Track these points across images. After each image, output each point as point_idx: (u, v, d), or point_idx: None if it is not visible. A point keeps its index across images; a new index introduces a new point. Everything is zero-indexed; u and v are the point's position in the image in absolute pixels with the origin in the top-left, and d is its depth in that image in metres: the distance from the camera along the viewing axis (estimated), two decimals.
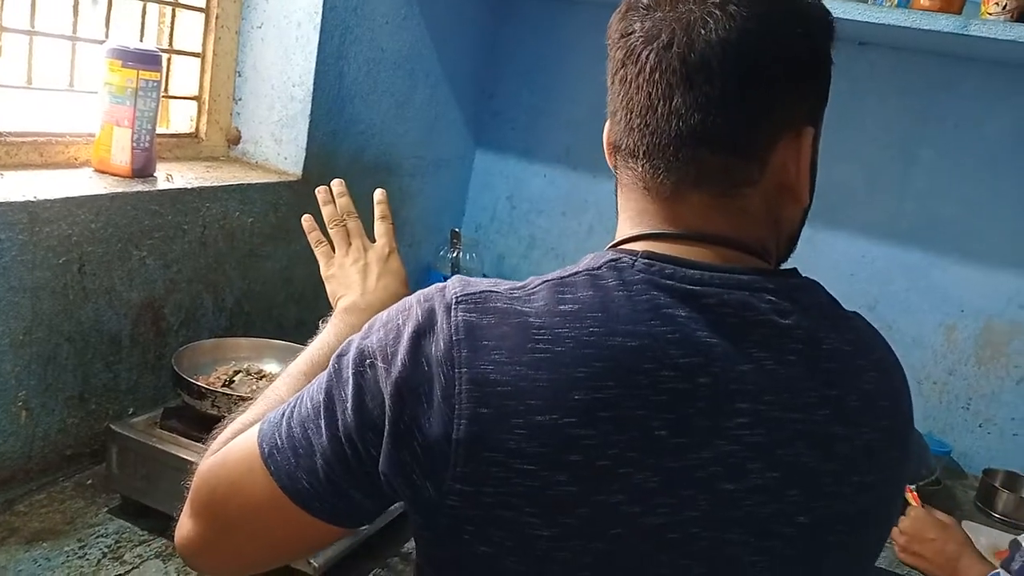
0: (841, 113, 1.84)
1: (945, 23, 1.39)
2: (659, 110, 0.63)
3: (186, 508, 0.71)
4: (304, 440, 0.64)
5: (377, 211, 1.08)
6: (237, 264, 1.47)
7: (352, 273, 1.01)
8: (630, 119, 0.66)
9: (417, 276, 2.03)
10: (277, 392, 0.81)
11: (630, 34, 0.65)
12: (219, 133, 1.59)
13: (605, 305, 0.60)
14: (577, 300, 0.60)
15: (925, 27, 1.40)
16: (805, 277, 0.68)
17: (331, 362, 0.65)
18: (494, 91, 2.13)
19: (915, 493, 1.43)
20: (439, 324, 0.60)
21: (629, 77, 0.65)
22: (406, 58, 1.77)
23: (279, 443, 0.65)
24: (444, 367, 0.58)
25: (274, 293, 1.57)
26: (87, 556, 1.03)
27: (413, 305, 0.63)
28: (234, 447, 0.69)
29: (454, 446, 0.57)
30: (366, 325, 0.66)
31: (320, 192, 1.08)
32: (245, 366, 1.28)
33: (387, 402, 0.60)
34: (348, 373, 0.63)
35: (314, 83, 1.53)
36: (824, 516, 0.62)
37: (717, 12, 0.61)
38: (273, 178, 1.54)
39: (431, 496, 0.59)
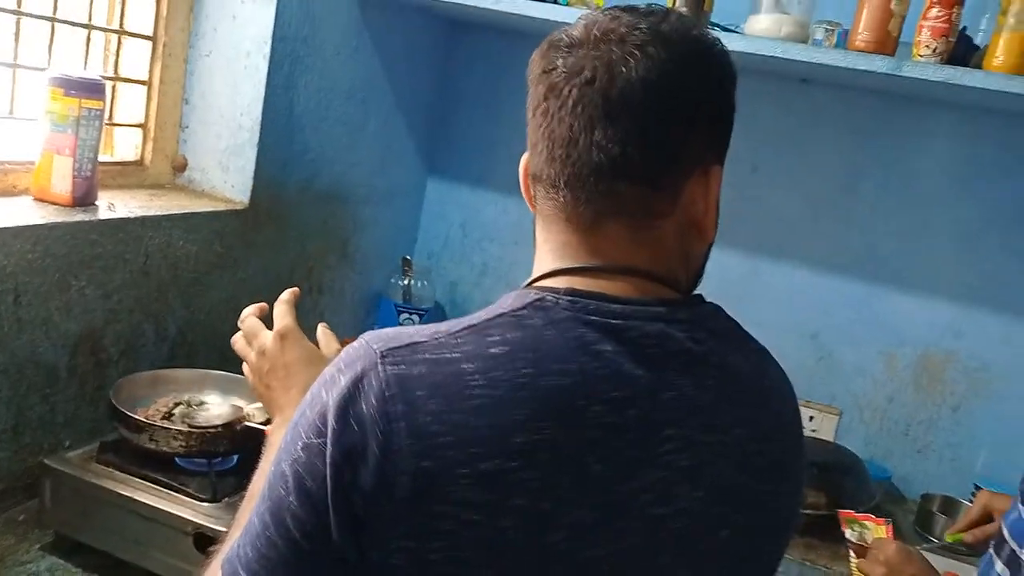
0: (785, 147, 1.90)
1: (879, 64, 1.44)
2: (580, 142, 0.66)
3: None
4: (265, 561, 0.60)
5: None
6: (180, 293, 1.45)
7: (260, 392, 0.93)
8: (552, 150, 0.68)
9: (368, 304, 2.03)
10: (240, 521, 0.74)
11: (552, 70, 0.67)
12: (164, 161, 1.58)
13: (535, 345, 0.61)
14: (506, 342, 0.61)
15: (861, 67, 1.45)
16: (710, 303, 0.71)
17: (269, 470, 0.63)
18: (447, 120, 2.15)
19: (891, 526, 1.43)
20: (367, 383, 0.59)
21: (551, 110, 0.67)
22: (358, 88, 1.78)
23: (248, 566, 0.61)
24: (380, 424, 0.57)
25: (219, 323, 1.56)
26: None
27: (334, 374, 0.61)
28: None
29: (396, 504, 0.56)
30: (295, 413, 0.63)
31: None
32: (186, 398, 1.27)
33: (327, 474, 0.58)
34: (284, 467, 0.60)
35: (263, 112, 1.53)
36: (744, 528, 0.67)
37: (638, 53, 0.64)
38: (220, 206, 1.53)
39: (375, 558, 0.57)
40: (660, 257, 0.68)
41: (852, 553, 1.37)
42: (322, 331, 0.97)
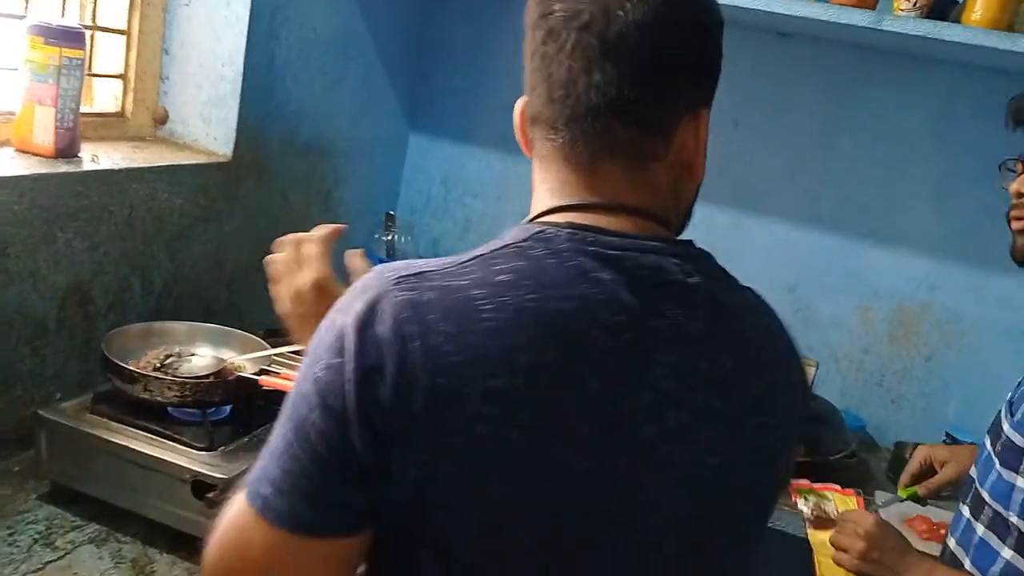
0: (764, 102, 1.91)
1: (860, 18, 1.46)
2: (579, 83, 0.68)
3: None
4: (288, 476, 0.62)
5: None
6: (165, 247, 1.45)
7: (292, 327, 0.94)
8: (551, 92, 0.70)
9: None
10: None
11: (550, 14, 0.70)
12: (145, 113, 1.55)
13: (538, 272, 0.64)
14: (511, 270, 0.64)
15: (841, 21, 1.46)
16: (700, 248, 0.74)
17: (288, 397, 0.65)
18: (429, 74, 2.13)
19: (860, 497, 1.45)
20: (382, 307, 0.61)
21: (550, 54, 0.70)
22: (338, 39, 1.76)
23: (268, 494, 0.62)
24: (396, 344, 0.60)
25: (204, 276, 1.55)
26: (17, 543, 1.02)
27: (350, 300, 0.64)
28: (228, 518, 0.66)
29: (413, 419, 0.60)
30: (312, 339, 0.65)
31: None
32: (177, 350, 1.27)
33: (348, 391, 0.60)
34: (306, 388, 0.62)
35: (244, 63, 1.51)
36: (732, 456, 0.70)
37: (634, 13, 0.67)
38: (202, 159, 1.52)
39: (393, 471, 0.60)
40: (654, 197, 0.72)
41: (808, 524, 1.36)
42: (357, 260, 0.97)
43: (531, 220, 0.72)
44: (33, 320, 1.21)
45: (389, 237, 2.01)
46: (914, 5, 1.45)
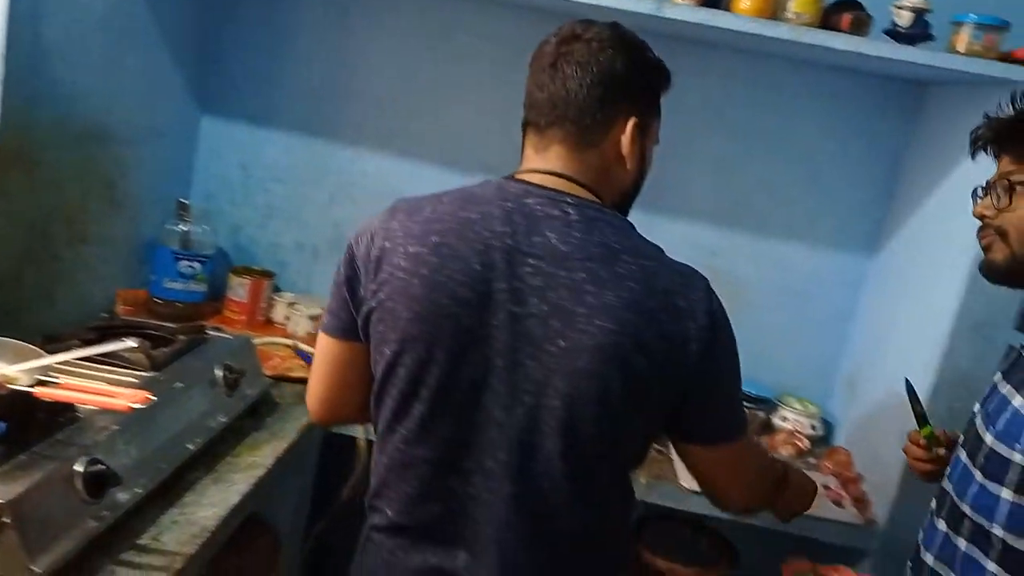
0: None
1: (640, 5, 1.54)
2: (543, 99, 1.05)
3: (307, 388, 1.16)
4: (329, 312, 1.10)
5: None
6: None
7: None
8: (534, 98, 1.06)
9: (142, 253, 1.90)
10: None
11: (540, 56, 1.07)
12: None
13: (468, 196, 1.03)
14: (456, 193, 1.04)
15: (624, 8, 1.54)
16: (619, 217, 1.03)
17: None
18: (219, 56, 2.02)
19: None
20: (375, 219, 1.06)
21: (535, 81, 1.06)
22: (115, 18, 1.63)
23: (325, 319, 1.11)
24: (372, 228, 1.04)
25: None
26: None
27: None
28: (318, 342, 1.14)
29: (370, 263, 1.02)
30: None
31: None
32: None
33: (349, 255, 1.06)
34: (334, 277, 1.08)
35: (5, 43, 1.36)
36: (576, 344, 0.95)
37: (588, 51, 1.04)
38: None
39: (362, 297, 1.03)
40: (583, 170, 1.04)
41: None
42: None
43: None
44: None
45: (183, 227, 1.90)
46: None
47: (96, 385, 1.13)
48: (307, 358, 1.76)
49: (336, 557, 2.21)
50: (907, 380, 1.35)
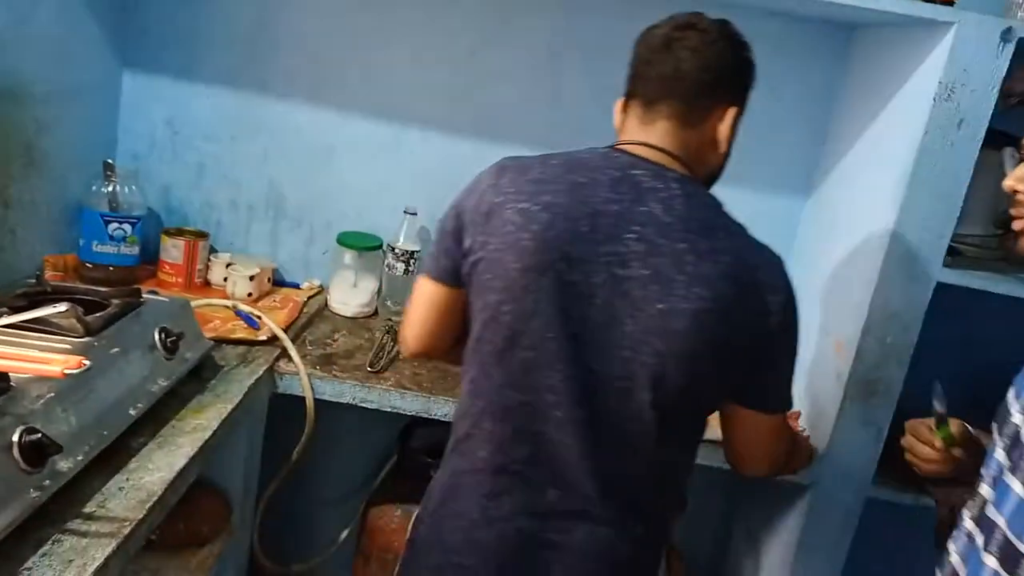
0: (496, 34, 1.95)
1: None
2: (664, 63, 1.16)
3: (403, 324, 1.30)
4: (430, 255, 1.23)
5: None
6: None
7: None
8: (643, 71, 1.18)
9: (68, 216, 1.83)
10: None
11: (647, 39, 1.20)
12: None
13: (576, 162, 1.13)
14: (564, 157, 1.14)
15: None
16: (712, 196, 1.15)
17: None
18: (137, 4, 1.93)
19: None
20: (484, 173, 1.18)
21: (645, 58, 1.19)
22: None
23: (428, 263, 1.23)
24: (483, 183, 1.15)
25: None
26: None
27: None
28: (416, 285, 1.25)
29: (481, 217, 1.12)
30: None
31: None
32: None
33: (456, 206, 1.18)
34: (446, 213, 1.20)
35: None
36: (673, 308, 1.05)
37: (702, 40, 1.16)
38: None
39: (469, 248, 1.13)
40: (681, 148, 1.15)
41: None
42: None
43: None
44: None
45: (110, 188, 1.83)
46: None
47: (29, 353, 1.10)
48: (248, 319, 1.73)
49: (287, 519, 2.21)
50: (936, 382, 1.28)
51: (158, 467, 1.17)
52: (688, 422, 1.17)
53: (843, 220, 1.83)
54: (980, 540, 0.97)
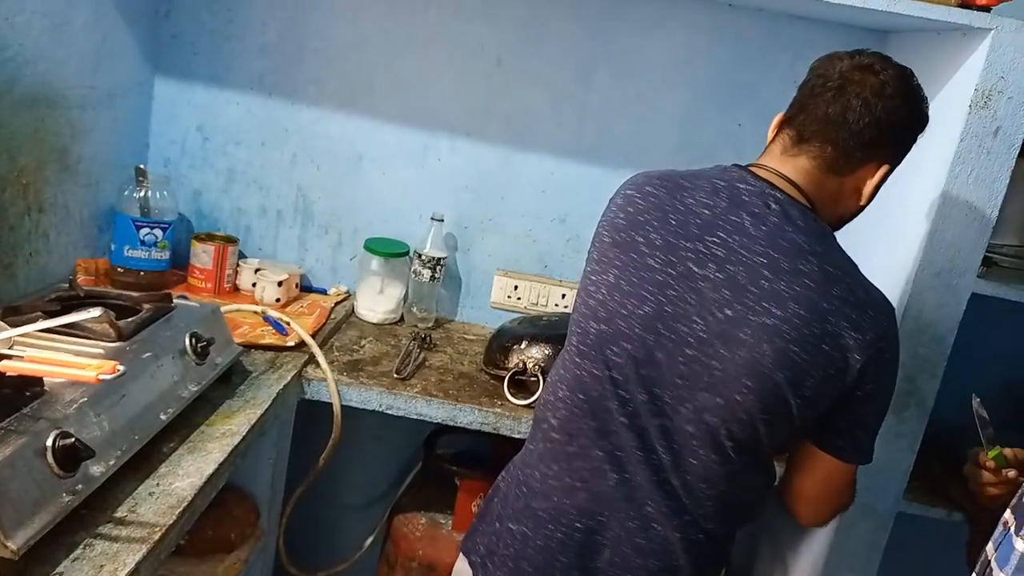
0: (525, 41, 1.95)
1: None
2: (818, 116, 1.16)
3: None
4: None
5: None
6: None
7: None
8: (803, 111, 1.18)
9: (100, 220, 1.85)
10: None
11: (820, 76, 1.18)
12: None
13: (696, 174, 1.19)
14: (690, 170, 1.22)
15: None
16: (822, 225, 1.15)
17: None
18: (169, 11, 1.95)
19: None
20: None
21: (815, 92, 1.17)
22: None
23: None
24: (625, 188, 1.23)
25: None
26: None
27: None
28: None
29: (608, 211, 1.23)
30: None
31: None
32: None
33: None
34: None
35: None
36: (739, 316, 1.07)
37: (881, 87, 1.15)
38: None
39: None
40: (818, 190, 1.16)
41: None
42: None
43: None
44: None
45: (142, 193, 1.84)
46: None
47: (62, 357, 1.11)
48: (276, 324, 1.74)
49: (312, 525, 2.21)
50: (974, 397, 1.26)
51: (188, 472, 1.17)
52: (747, 440, 1.11)
53: (875, 229, 1.80)
54: (1013, 525, 0.96)
